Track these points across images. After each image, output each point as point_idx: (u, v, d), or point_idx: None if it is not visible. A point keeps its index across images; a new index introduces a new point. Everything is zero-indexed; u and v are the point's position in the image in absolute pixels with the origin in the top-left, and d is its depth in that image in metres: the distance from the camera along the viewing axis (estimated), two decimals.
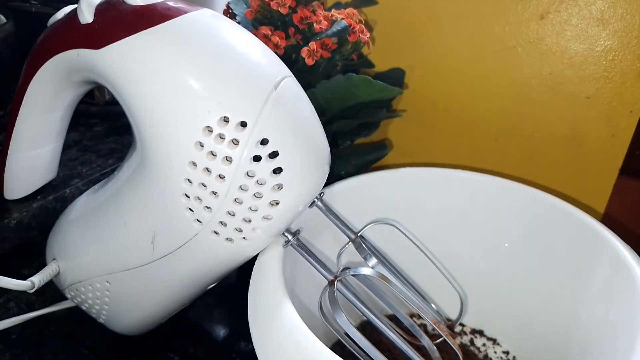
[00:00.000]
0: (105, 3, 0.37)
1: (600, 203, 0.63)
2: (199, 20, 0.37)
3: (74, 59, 0.39)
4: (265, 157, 0.36)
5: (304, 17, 0.55)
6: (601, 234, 0.45)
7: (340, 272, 0.40)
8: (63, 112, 0.48)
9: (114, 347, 0.50)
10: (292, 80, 0.39)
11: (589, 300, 0.45)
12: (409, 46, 0.67)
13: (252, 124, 0.35)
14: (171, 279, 0.42)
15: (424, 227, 0.53)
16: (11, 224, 0.51)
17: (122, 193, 0.41)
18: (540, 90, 0.61)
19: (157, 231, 0.39)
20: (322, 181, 0.40)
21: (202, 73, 0.35)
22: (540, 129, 0.63)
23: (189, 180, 0.36)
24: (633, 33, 0.55)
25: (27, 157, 0.50)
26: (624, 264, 0.41)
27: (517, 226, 0.52)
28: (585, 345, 0.44)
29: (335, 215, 0.45)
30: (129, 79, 0.36)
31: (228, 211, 0.36)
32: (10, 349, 0.47)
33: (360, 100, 0.57)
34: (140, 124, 0.36)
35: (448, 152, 0.70)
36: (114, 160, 0.62)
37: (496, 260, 0.53)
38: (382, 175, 0.53)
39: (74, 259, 0.45)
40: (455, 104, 0.67)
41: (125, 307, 0.46)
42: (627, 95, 0.57)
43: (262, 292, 0.38)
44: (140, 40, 0.35)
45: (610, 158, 0.61)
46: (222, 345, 0.52)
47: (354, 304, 0.41)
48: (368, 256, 0.47)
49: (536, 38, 0.59)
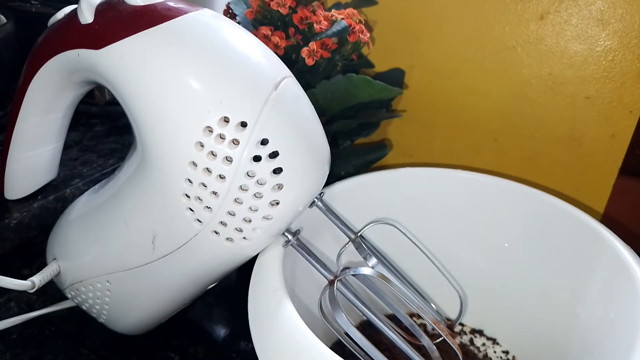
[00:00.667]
0: (106, 3, 0.38)
1: (599, 203, 0.63)
2: (199, 20, 0.37)
3: (74, 59, 0.39)
4: (265, 157, 0.36)
5: (304, 17, 0.55)
6: (601, 234, 0.45)
7: (340, 272, 0.40)
8: (63, 112, 0.48)
9: (114, 346, 0.50)
10: (292, 81, 0.39)
11: (589, 300, 0.45)
12: (409, 46, 0.67)
13: (252, 124, 0.35)
14: (171, 279, 0.42)
15: (423, 227, 0.53)
16: (11, 224, 0.51)
17: (122, 193, 0.41)
18: (540, 91, 0.61)
19: (157, 231, 0.39)
20: (322, 181, 0.40)
21: (203, 73, 0.35)
22: (540, 129, 0.63)
23: (189, 180, 0.36)
24: (633, 33, 0.55)
25: (27, 157, 0.50)
26: (623, 264, 0.41)
27: (517, 226, 0.52)
28: (585, 345, 0.44)
29: (335, 215, 0.45)
30: (129, 79, 0.36)
31: (228, 211, 0.36)
32: (11, 349, 0.47)
33: (360, 100, 0.57)
34: (141, 124, 0.36)
35: (448, 152, 0.70)
36: (114, 160, 0.62)
37: (496, 260, 0.53)
38: (382, 175, 0.53)
39: (74, 258, 0.45)
40: (455, 104, 0.67)
41: (125, 306, 0.46)
42: (626, 95, 0.57)
43: (262, 292, 0.38)
44: (140, 40, 0.35)
45: (609, 158, 0.61)
46: (222, 345, 0.52)
47: (354, 303, 0.41)
48: (368, 256, 0.47)
49: (536, 38, 0.59)
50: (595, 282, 0.45)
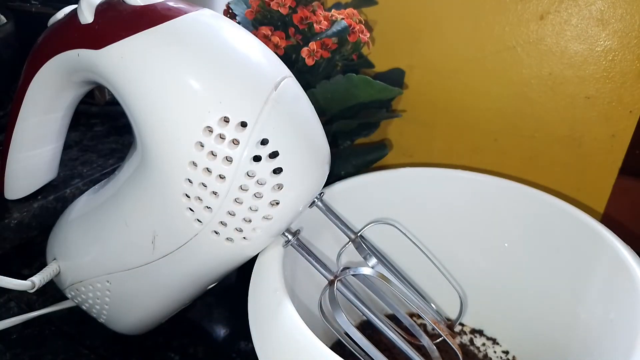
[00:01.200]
0: (106, 3, 0.38)
1: (599, 203, 0.63)
2: (199, 20, 0.37)
3: (74, 59, 0.39)
4: (265, 157, 0.36)
5: (304, 17, 0.55)
6: (601, 234, 0.45)
7: (340, 272, 0.40)
8: (63, 112, 0.48)
9: (114, 346, 0.49)
10: (292, 81, 0.39)
11: (589, 300, 0.45)
12: (409, 46, 0.67)
13: (252, 124, 0.35)
14: (171, 279, 0.42)
15: (423, 227, 0.53)
16: (11, 224, 0.51)
17: (122, 193, 0.41)
18: (540, 91, 0.61)
19: (157, 231, 0.39)
20: (322, 181, 0.40)
21: (203, 73, 0.35)
22: (540, 129, 0.63)
23: (189, 180, 0.36)
24: (633, 33, 0.55)
25: (27, 157, 0.50)
26: (623, 264, 0.41)
27: (517, 226, 0.52)
28: (585, 345, 0.44)
29: (335, 215, 0.45)
30: (129, 79, 0.36)
31: (228, 211, 0.36)
32: (11, 349, 0.47)
33: (360, 100, 0.57)
34: (141, 124, 0.36)
35: (448, 152, 0.70)
36: (114, 160, 0.62)
37: (496, 260, 0.53)
38: (382, 175, 0.53)
39: (74, 258, 0.45)
40: (455, 104, 0.67)
41: (125, 306, 0.46)
42: (626, 95, 0.57)
43: (262, 292, 0.38)
44: (140, 40, 0.35)
45: (609, 158, 0.61)
46: (222, 345, 0.52)
47: (354, 303, 0.41)
48: (368, 256, 0.47)
49: (536, 38, 0.59)
50: (595, 282, 0.45)
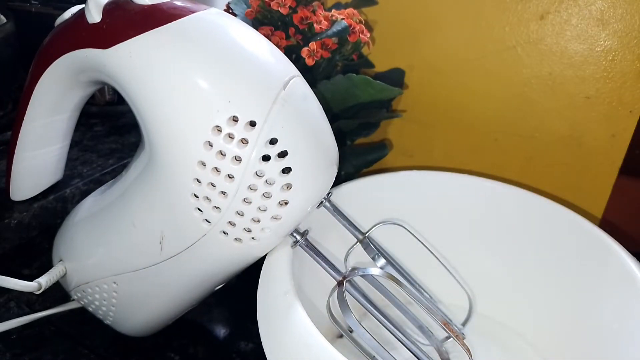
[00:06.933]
0: (113, 3, 0.37)
1: (599, 203, 0.63)
2: (207, 19, 0.37)
3: (81, 58, 0.38)
4: (274, 156, 0.35)
5: (304, 17, 0.55)
6: (608, 245, 0.45)
7: (349, 273, 0.40)
8: (70, 113, 0.48)
9: (114, 347, 0.49)
10: (300, 80, 0.39)
11: (595, 309, 0.46)
12: (409, 46, 0.67)
13: (261, 124, 0.35)
14: (179, 280, 0.42)
15: (431, 230, 0.52)
16: (11, 224, 0.51)
17: (130, 193, 0.41)
18: (540, 90, 0.61)
19: (165, 231, 0.39)
20: (330, 181, 0.40)
21: (211, 72, 0.35)
22: (540, 129, 0.63)
23: (197, 180, 0.36)
24: (633, 33, 0.55)
25: (34, 157, 0.49)
26: (629, 274, 0.42)
27: (526, 232, 0.52)
28: (590, 355, 0.44)
29: (343, 215, 0.45)
30: (137, 78, 0.36)
31: (237, 211, 0.36)
32: (11, 349, 0.47)
33: (360, 100, 0.57)
34: (149, 123, 0.36)
35: (448, 152, 0.70)
36: (114, 160, 0.61)
37: (504, 266, 0.53)
38: (389, 177, 0.53)
39: (81, 259, 0.45)
40: (455, 104, 0.67)
41: (132, 308, 0.45)
42: (627, 95, 0.58)
43: (271, 294, 0.38)
44: (148, 39, 0.35)
45: (609, 158, 0.61)
46: (222, 345, 0.52)
47: (362, 304, 0.41)
48: (376, 256, 0.47)
49: (536, 38, 0.59)
50: (601, 291, 0.46)
